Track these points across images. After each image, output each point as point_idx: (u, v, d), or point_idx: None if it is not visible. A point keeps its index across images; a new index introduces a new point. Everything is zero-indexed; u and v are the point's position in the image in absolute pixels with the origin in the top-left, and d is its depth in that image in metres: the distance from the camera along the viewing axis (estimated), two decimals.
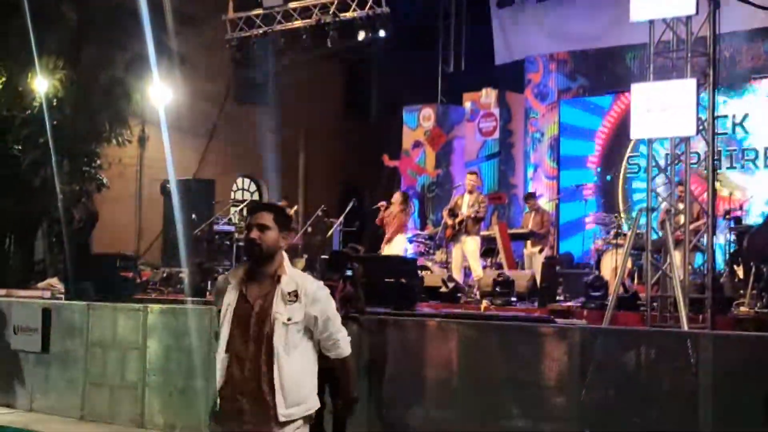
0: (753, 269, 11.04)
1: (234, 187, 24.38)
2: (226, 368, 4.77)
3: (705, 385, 7.45)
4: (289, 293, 4.78)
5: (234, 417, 4.76)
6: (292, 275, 4.86)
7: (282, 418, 4.71)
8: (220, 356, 4.79)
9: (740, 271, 12.21)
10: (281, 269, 4.84)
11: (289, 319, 4.75)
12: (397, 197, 15.41)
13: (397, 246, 15.08)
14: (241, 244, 14.95)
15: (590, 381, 8.03)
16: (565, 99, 19.52)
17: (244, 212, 16.09)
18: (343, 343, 4.98)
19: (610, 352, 8.14)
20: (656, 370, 7.78)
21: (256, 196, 23.95)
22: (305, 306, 4.79)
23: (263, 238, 4.79)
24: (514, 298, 12.62)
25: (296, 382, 4.76)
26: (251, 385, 4.71)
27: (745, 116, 16.88)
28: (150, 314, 11.21)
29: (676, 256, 9.99)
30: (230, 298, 4.84)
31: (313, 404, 4.87)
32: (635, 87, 10.24)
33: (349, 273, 9.15)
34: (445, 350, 9.10)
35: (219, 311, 4.96)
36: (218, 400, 4.81)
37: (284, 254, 4.93)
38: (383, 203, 15.45)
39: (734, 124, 16.96)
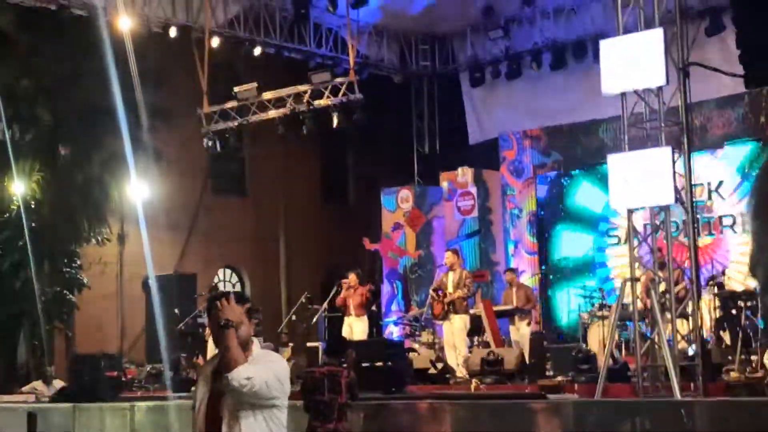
0: (740, 334, 11.05)
1: (216, 279, 24.27)
2: None
3: None
4: None
5: None
6: (257, 356, 4.71)
7: None
8: None
9: (727, 337, 12.21)
10: (249, 353, 4.70)
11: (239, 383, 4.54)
12: (351, 278, 15.11)
13: (358, 329, 14.77)
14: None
15: None
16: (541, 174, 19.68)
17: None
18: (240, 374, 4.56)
19: (604, 424, 8.08)
20: None
21: (238, 287, 23.82)
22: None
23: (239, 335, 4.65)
24: (503, 377, 12.52)
25: None
26: None
27: (720, 183, 17.01)
28: (137, 413, 11.09)
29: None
30: (201, 393, 4.76)
31: None
32: (611, 158, 10.31)
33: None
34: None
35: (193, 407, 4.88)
36: None
37: (254, 339, 4.83)
38: (345, 281, 15.22)
39: (710, 191, 17.08)
